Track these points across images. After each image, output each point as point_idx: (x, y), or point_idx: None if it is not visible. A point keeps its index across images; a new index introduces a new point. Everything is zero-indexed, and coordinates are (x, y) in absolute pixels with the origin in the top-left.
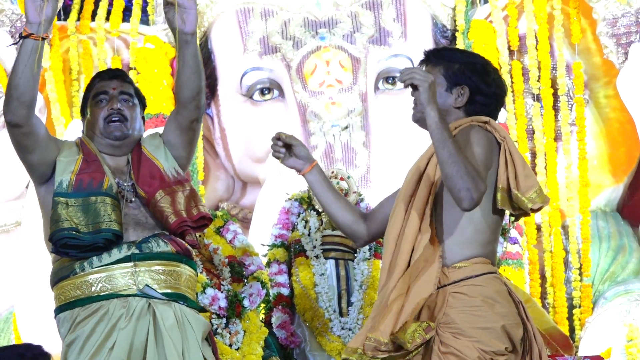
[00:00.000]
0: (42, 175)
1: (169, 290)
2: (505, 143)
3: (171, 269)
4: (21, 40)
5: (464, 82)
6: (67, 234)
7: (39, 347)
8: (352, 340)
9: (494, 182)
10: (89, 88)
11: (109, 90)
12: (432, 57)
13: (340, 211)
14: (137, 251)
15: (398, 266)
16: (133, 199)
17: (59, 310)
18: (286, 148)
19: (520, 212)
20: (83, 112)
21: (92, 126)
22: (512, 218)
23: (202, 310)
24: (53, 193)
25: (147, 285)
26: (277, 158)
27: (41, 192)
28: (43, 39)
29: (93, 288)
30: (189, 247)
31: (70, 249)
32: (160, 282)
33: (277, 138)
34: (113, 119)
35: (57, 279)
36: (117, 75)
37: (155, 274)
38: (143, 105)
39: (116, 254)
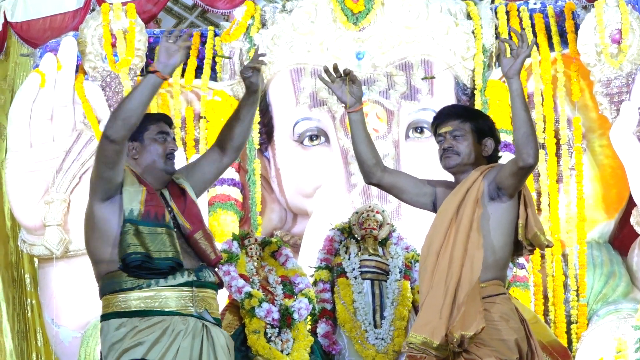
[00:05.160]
0: (106, 191)
1: (214, 315)
2: (524, 189)
3: (214, 297)
4: (147, 74)
5: (489, 135)
6: (142, 257)
7: None
8: (418, 329)
9: (516, 218)
10: (149, 121)
11: (170, 132)
12: (463, 114)
13: (365, 152)
14: (195, 278)
15: (452, 278)
16: (175, 230)
17: (116, 315)
18: (342, 79)
19: (531, 247)
20: (136, 138)
21: (149, 156)
22: (519, 252)
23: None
24: (120, 217)
25: (205, 309)
26: (323, 80)
27: (101, 209)
28: (164, 79)
29: (155, 304)
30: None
31: (141, 270)
32: (211, 307)
33: (337, 69)
34: (171, 157)
35: (117, 289)
36: (171, 122)
37: (208, 299)
38: None
39: (179, 278)
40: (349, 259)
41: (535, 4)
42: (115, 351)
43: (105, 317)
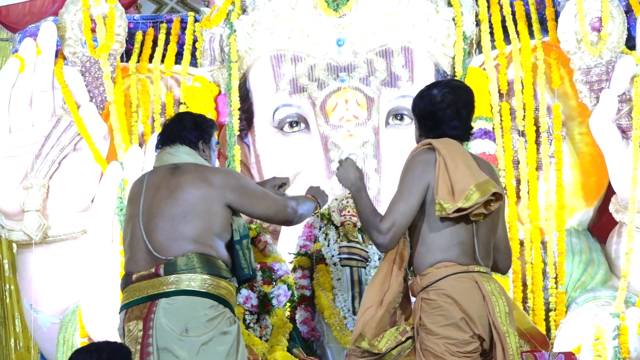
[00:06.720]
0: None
1: None
2: (440, 157)
3: None
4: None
5: (413, 113)
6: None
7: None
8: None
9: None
10: (216, 128)
11: None
12: None
13: None
14: (236, 286)
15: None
16: None
17: (209, 295)
18: None
19: (467, 211)
20: (209, 141)
21: (213, 163)
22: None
23: None
24: (231, 224)
25: None
26: None
27: (227, 211)
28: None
29: (232, 299)
30: None
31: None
32: None
33: None
34: None
35: (219, 274)
36: None
37: None
38: None
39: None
40: (328, 246)
41: None
42: (211, 328)
43: (198, 294)
